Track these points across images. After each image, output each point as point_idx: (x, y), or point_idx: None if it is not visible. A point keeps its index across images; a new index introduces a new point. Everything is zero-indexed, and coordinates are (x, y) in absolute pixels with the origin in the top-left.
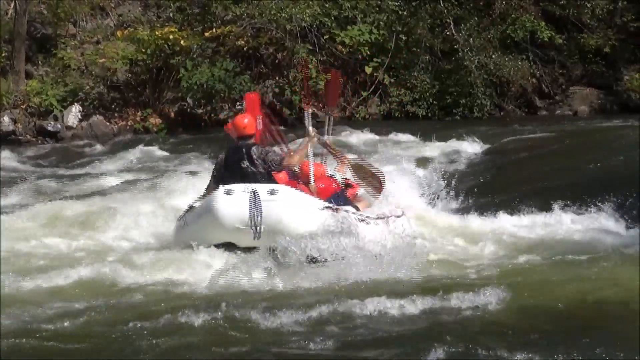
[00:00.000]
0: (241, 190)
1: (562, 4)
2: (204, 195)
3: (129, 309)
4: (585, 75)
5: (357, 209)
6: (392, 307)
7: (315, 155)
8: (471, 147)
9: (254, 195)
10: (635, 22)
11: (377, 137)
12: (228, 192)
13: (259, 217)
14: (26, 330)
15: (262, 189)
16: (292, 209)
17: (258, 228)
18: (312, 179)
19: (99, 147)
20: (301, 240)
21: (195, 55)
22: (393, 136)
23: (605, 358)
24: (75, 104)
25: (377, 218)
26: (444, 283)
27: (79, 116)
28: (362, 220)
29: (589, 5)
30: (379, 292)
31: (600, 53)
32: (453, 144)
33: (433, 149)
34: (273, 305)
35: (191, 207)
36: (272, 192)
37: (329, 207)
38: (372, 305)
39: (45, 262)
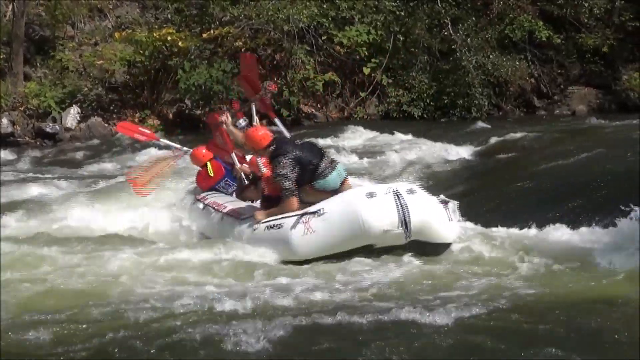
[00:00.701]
0: (383, 192)
1: (560, 4)
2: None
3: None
4: (584, 75)
5: None
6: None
7: None
8: (468, 148)
9: (397, 196)
10: (633, 21)
11: (375, 136)
12: (371, 195)
13: (408, 217)
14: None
15: (402, 188)
16: (428, 207)
17: (409, 228)
18: None
19: (97, 149)
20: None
21: (193, 57)
22: (391, 136)
23: None
24: (74, 105)
25: None
26: (436, 287)
27: (78, 118)
28: None
29: (586, 4)
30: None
31: (598, 52)
32: (450, 144)
33: (430, 148)
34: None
35: (316, 213)
36: (411, 192)
37: (441, 201)
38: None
39: (43, 266)
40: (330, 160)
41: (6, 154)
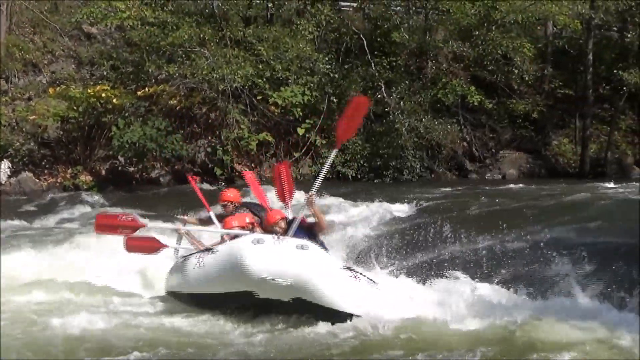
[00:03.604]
0: None
1: (491, 70)
2: None
3: None
4: (515, 140)
5: None
6: None
7: None
8: (399, 209)
9: None
10: (562, 88)
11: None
12: None
13: None
14: None
15: None
16: None
17: None
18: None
19: (26, 204)
20: None
21: (127, 114)
22: (323, 197)
23: None
24: (5, 160)
25: None
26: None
27: (8, 172)
28: None
29: (517, 71)
30: None
31: (528, 118)
32: (383, 205)
33: (361, 210)
34: None
35: None
36: None
37: None
38: None
39: None
40: None
41: None
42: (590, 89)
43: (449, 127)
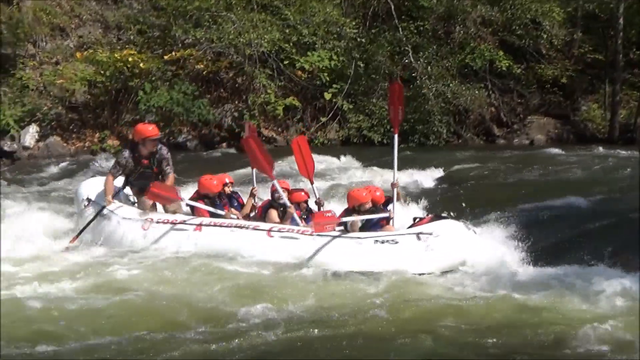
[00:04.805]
0: None
1: (520, 34)
2: None
3: None
4: (543, 105)
5: None
6: None
7: None
8: (427, 174)
9: None
10: (592, 53)
11: (335, 160)
12: None
13: None
14: None
15: None
16: None
17: None
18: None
19: (54, 168)
20: None
21: (154, 78)
22: (351, 160)
23: None
24: (33, 124)
25: None
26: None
27: (36, 137)
28: None
29: (545, 36)
30: None
31: (557, 83)
32: (409, 170)
33: (388, 174)
34: None
35: None
36: None
37: None
38: None
39: None
40: None
41: None
42: (620, 54)
43: (476, 92)
